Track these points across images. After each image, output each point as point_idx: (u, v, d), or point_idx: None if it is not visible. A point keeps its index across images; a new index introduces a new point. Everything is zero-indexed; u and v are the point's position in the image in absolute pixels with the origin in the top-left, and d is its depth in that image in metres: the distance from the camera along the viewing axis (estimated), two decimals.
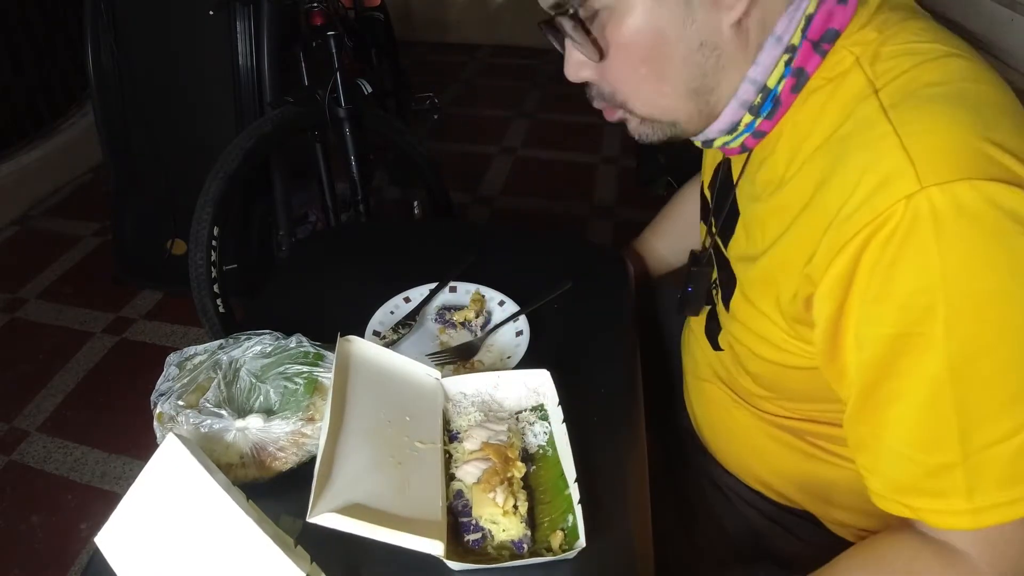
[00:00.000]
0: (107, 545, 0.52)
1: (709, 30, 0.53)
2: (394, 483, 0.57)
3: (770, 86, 0.55)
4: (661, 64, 0.55)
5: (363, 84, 1.57)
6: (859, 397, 0.51)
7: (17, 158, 2.45)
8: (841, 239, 0.48)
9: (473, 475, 0.59)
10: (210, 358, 0.68)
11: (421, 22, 3.90)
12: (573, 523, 0.58)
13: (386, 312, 0.83)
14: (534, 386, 0.69)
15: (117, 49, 1.81)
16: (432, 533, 0.53)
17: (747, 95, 0.56)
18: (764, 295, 0.59)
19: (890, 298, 0.46)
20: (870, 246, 0.46)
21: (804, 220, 0.53)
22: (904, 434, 0.48)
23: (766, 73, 0.55)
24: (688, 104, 0.58)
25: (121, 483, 1.50)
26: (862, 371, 0.49)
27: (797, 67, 0.54)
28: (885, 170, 0.46)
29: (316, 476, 0.53)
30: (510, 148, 2.84)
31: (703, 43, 0.54)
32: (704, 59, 0.55)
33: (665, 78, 0.56)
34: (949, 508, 0.47)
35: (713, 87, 0.57)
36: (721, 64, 0.55)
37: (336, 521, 0.50)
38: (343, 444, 0.58)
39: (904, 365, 0.47)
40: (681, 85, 0.57)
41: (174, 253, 1.95)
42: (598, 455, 0.63)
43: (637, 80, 0.57)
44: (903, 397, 0.48)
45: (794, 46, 0.54)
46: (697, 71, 0.55)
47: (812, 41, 0.53)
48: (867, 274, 0.47)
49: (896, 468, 0.50)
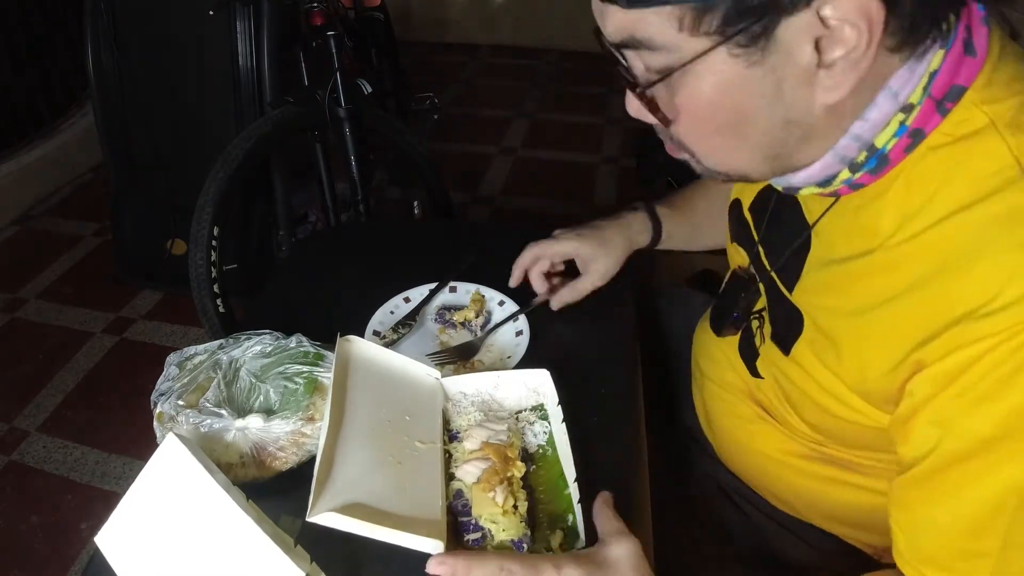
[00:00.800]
0: (107, 545, 0.53)
1: (798, 109, 0.47)
2: (394, 483, 0.57)
3: (878, 145, 0.49)
4: (736, 136, 0.50)
5: (363, 84, 1.57)
6: (926, 470, 0.48)
7: (17, 158, 2.46)
8: (971, 336, 0.44)
9: (473, 475, 0.59)
10: (210, 358, 0.68)
11: (421, 22, 3.90)
12: (573, 522, 0.58)
13: (386, 312, 0.83)
14: (534, 386, 0.69)
15: (117, 49, 1.81)
16: (432, 532, 0.53)
17: (848, 151, 0.50)
18: (849, 358, 0.54)
19: (1002, 402, 0.43)
20: (999, 349, 0.43)
21: (924, 298, 0.47)
22: (956, 518, 0.47)
23: (875, 131, 0.48)
24: (762, 166, 0.53)
25: (121, 483, 1.50)
26: (942, 454, 0.47)
27: (914, 128, 0.48)
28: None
29: (316, 475, 0.53)
30: (510, 148, 2.84)
31: (789, 121, 0.48)
32: (787, 135, 0.49)
33: (740, 147, 0.51)
34: None
35: (793, 154, 0.51)
36: (807, 137, 0.49)
37: (336, 520, 0.50)
38: (343, 444, 0.58)
39: (988, 463, 0.45)
40: (757, 153, 0.51)
41: (174, 253, 1.95)
42: (598, 455, 0.63)
43: (707, 143, 0.53)
44: (972, 488, 0.46)
45: (912, 105, 0.47)
46: (777, 143, 0.50)
47: (935, 99, 0.47)
48: (984, 373, 0.44)
49: (933, 541, 0.48)
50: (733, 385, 0.75)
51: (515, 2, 3.76)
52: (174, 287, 1.99)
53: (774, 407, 0.69)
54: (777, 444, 0.70)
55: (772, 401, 0.69)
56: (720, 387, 0.78)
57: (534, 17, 3.74)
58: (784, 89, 0.46)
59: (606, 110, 3.08)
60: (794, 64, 0.44)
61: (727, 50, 0.44)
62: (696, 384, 0.85)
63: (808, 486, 0.69)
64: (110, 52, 1.81)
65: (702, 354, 0.83)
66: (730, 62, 0.45)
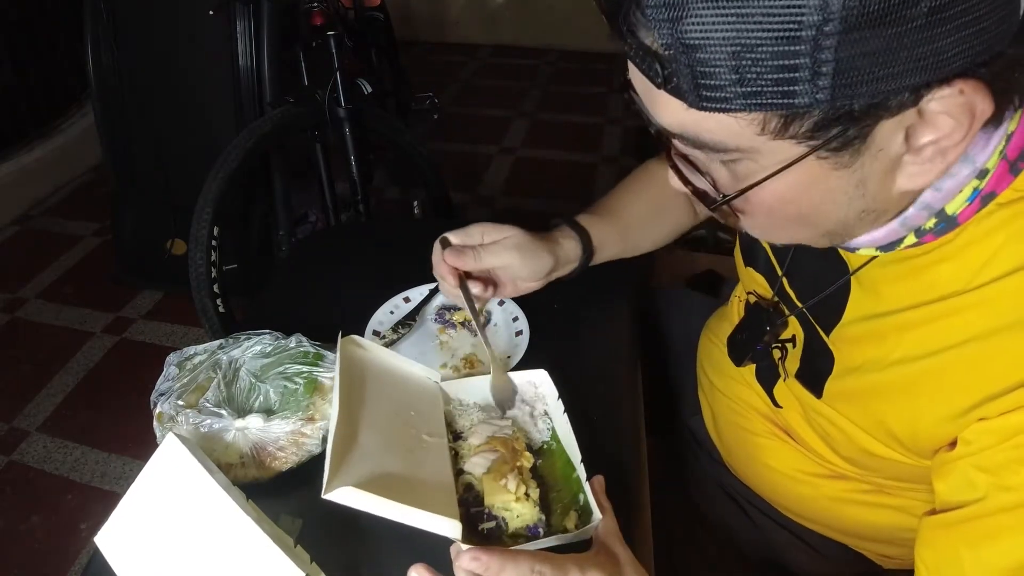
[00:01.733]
0: (107, 545, 0.52)
1: (877, 199, 0.44)
2: (406, 467, 0.56)
3: (948, 212, 0.46)
4: (806, 226, 0.47)
5: (363, 84, 1.57)
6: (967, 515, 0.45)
7: (17, 158, 2.46)
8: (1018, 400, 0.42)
9: (482, 466, 0.59)
10: (210, 358, 0.68)
11: (421, 22, 3.90)
12: (585, 501, 0.57)
13: (386, 312, 0.83)
14: (533, 385, 0.69)
15: (117, 49, 1.81)
16: (448, 511, 0.52)
17: (917, 220, 0.47)
18: (897, 405, 0.52)
19: None
20: None
21: (990, 352, 0.45)
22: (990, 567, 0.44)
23: (947, 200, 0.45)
24: (822, 240, 0.50)
25: (121, 483, 1.50)
26: (988, 502, 0.44)
27: (987, 192, 0.45)
28: None
29: (329, 454, 0.51)
30: (510, 148, 2.84)
31: (864, 210, 0.45)
32: (858, 221, 0.46)
33: (805, 232, 0.48)
34: None
35: (855, 232, 0.49)
36: (874, 218, 0.46)
37: (353, 497, 0.48)
38: (354, 428, 0.57)
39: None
40: (818, 233, 0.48)
41: (174, 253, 1.95)
42: (598, 455, 0.63)
43: (771, 230, 0.50)
44: (1012, 539, 0.43)
45: (987, 170, 0.44)
46: (842, 225, 0.47)
47: (1009, 161, 0.44)
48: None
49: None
50: (747, 402, 0.73)
51: (515, 2, 3.76)
52: (174, 287, 1.99)
53: (798, 434, 0.67)
54: (792, 463, 0.69)
55: (796, 429, 0.67)
56: (731, 400, 0.76)
57: (534, 17, 3.74)
58: (868, 185, 0.42)
59: (606, 110, 3.08)
60: (884, 158, 0.40)
61: (815, 155, 0.39)
62: (703, 390, 0.84)
63: (823, 503, 0.68)
64: (110, 52, 1.81)
65: (710, 365, 0.81)
66: (815, 164, 0.40)
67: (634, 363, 0.79)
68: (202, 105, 1.81)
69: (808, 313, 0.61)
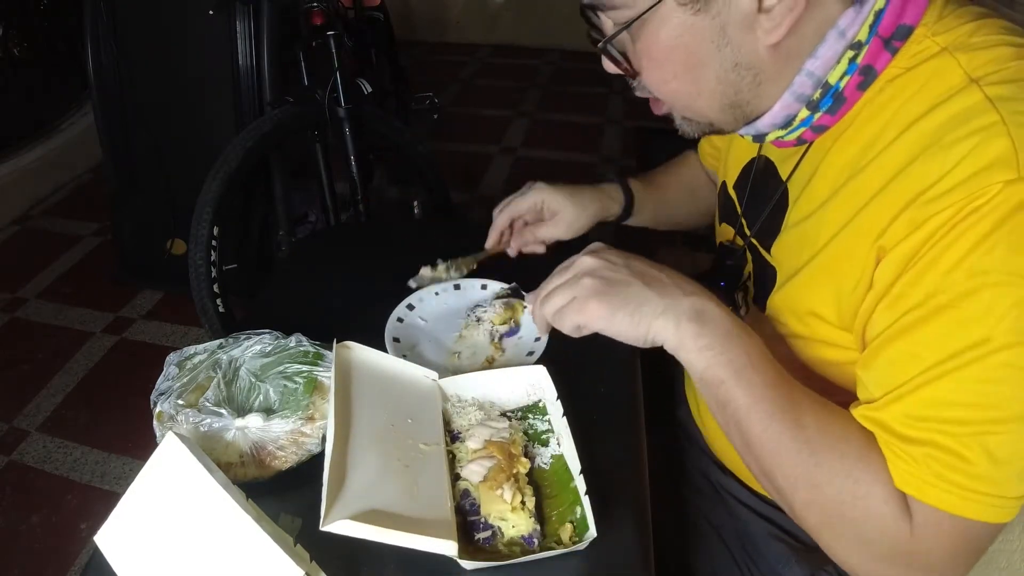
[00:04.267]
0: (106, 544, 0.53)
1: (744, 52, 0.52)
2: (402, 486, 0.57)
3: (831, 82, 0.53)
4: (693, 81, 0.54)
5: (363, 84, 1.57)
6: (888, 335, 0.50)
7: (17, 158, 2.46)
8: (926, 214, 0.47)
9: (479, 474, 0.59)
10: (210, 357, 0.68)
11: (421, 22, 3.90)
12: (581, 515, 0.58)
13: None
14: (532, 382, 0.69)
15: (117, 49, 1.81)
16: (444, 533, 0.53)
17: (804, 88, 0.54)
18: (822, 287, 0.57)
19: (955, 269, 0.45)
20: (953, 221, 0.45)
21: (879, 202, 0.51)
22: (913, 356, 0.48)
23: (826, 67, 0.52)
24: (723, 115, 0.57)
25: (121, 483, 1.50)
26: (902, 321, 0.49)
27: (865, 65, 0.52)
28: (990, 157, 0.45)
29: (326, 484, 0.52)
30: (510, 148, 2.84)
31: (738, 64, 0.52)
32: (739, 78, 0.53)
33: (699, 92, 0.55)
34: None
35: (750, 100, 0.55)
36: (758, 81, 0.54)
37: (350, 528, 0.50)
38: (350, 450, 0.57)
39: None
40: (716, 100, 0.55)
41: (174, 253, 1.95)
42: (598, 455, 0.63)
43: (669, 91, 0.57)
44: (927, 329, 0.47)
45: (860, 42, 0.51)
46: (731, 88, 0.54)
47: (883, 38, 0.51)
48: (932, 244, 0.46)
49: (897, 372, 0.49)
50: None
51: (515, 2, 3.76)
52: (174, 287, 1.99)
53: None
54: None
55: None
56: None
57: (534, 17, 3.74)
58: (729, 34, 0.51)
59: (606, 110, 3.09)
60: (735, 10, 0.50)
61: (675, 1, 0.50)
62: (687, 376, 0.86)
63: None
64: (110, 52, 1.82)
65: None
66: (678, 11, 0.50)
67: (634, 363, 0.79)
68: (202, 105, 1.82)
69: (757, 240, 0.68)
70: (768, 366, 0.54)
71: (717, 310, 0.56)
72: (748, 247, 0.71)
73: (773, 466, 0.53)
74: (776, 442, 0.52)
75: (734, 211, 0.74)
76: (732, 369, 0.53)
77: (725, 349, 0.54)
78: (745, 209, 0.72)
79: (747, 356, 0.54)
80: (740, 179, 0.73)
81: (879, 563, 0.51)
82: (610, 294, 0.57)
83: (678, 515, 0.81)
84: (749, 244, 0.70)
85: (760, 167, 0.69)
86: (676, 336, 0.55)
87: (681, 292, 0.57)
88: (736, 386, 0.53)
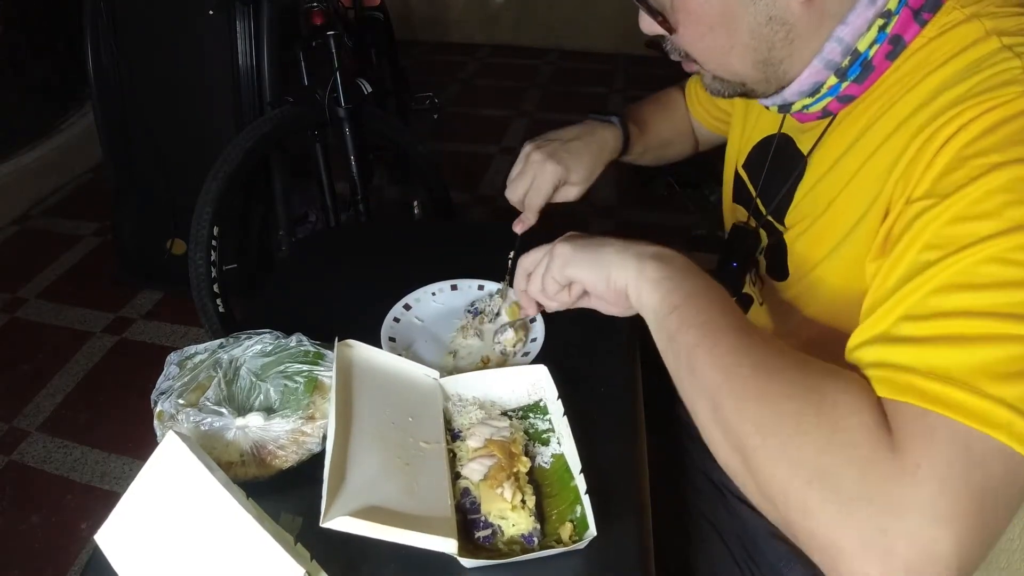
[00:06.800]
0: (107, 543, 0.53)
1: (778, 6, 0.52)
2: (403, 483, 0.57)
3: (860, 49, 0.53)
4: (728, 35, 0.55)
5: (363, 84, 1.57)
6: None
7: (17, 158, 2.46)
8: (936, 126, 0.46)
9: (479, 472, 0.59)
10: (210, 357, 0.68)
11: (421, 22, 3.90)
12: (581, 514, 0.58)
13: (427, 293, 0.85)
14: (532, 382, 0.70)
15: (117, 49, 1.81)
16: (444, 531, 0.53)
17: (833, 55, 0.54)
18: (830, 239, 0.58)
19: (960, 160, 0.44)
20: (964, 122, 0.45)
21: (894, 139, 0.51)
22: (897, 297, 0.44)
23: (856, 34, 0.53)
24: (756, 73, 0.57)
25: (121, 483, 1.50)
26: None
27: (894, 34, 0.52)
28: (1005, 78, 0.45)
29: (326, 481, 0.52)
30: (510, 148, 2.84)
31: (771, 18, 0.53)
32: (772, 33, 0.53)
33: (732, 48, 0.56)
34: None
35: (783, 59, 0.56)
36: (790, 38, 0.54)
37: (350, 525, 0.50)
38: (350, 447, 0.58)
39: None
40: (748, 56, 0.56)
41: (174, 253, 1.95)
42: (598, 454, 0.63)
43: (704, 47, 0.57)
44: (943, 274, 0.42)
45: (890, 11, 0.52)
46: (764, 44, 0.54)
47: (913, 9, 0.52)
48: (948, 141, 0.45)
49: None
50: None
51: (515, 2, 3.76)
52: (174, 287, 1.99)
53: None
54: None
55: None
56: None
57: (534, 17, 3.74)
58: None
59: (606, 110, 3.08)
60: None
61: None
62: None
63: None
64: (110, 52, 1.82)
65: None
66: None
67: (634, 362, 0.79)
68: (202, 105, 1.82)
69: (772, 218, 0.69)
70: (728, 305, 0.51)
71: (682, 256, 0.56)
72: (763, 226, 0.71)
73: (719, 386, 0.45)
74: (727, 357, 0.45)
75: (747, 192, 0.74)
76: (687, 296, 0.51)
77: (683, 281, 0.53)
78: (762, 189, 0.72)
79: (706, 289, 0.52)
80: (753, 158, 0.74)
81: (852, 504, 0.37)
82: (578, 244, 0.60)
83: (678, 515, 0.81)
84: (765, 223, 0.71)
85: (780, 145, 0.69)
86: (639, 273, 0.55)
87: (645, 243, 0.58)
88: (688, 310, 0.50)
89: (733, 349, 0.46)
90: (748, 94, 0.61)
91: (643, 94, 1.04)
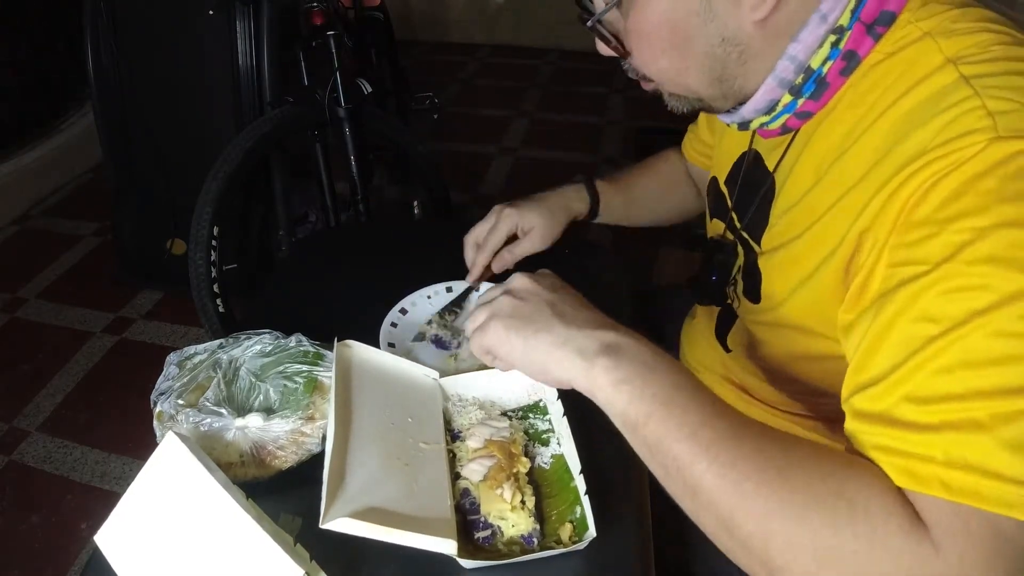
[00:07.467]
0: (106, 543, 0.53)
1: (731, 28, 0.52)
2: (402, 484, 0.57)
3: (813, 67, 0.53)
4: (681, 57, 0.55)
5: (363, 84, 1.57)
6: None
7: (17, 158, 2.46)
8: (901, 179, 0.46)
9: (479, 473, 0.59)
10: (210, 357, 0.68)
11: (421, 22, 3.90)
12: (581, 514, 0.58)
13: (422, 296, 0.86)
14: (532, 382, 0.69)
15: (117, 49, 1.81)
16: (444, 532, 0.53)
17: (786, 73, 0.54)
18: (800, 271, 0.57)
19: (944, 223, 0.43)
20: (934, 178, 0.44)
21: (863, 185, 0.50)
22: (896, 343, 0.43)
23: (808, 52, 0.52)
24: (712, 90, 0.57)
25: (121, 483, 1.50)
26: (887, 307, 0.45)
27: (847, 50, 0.52)
28: (966, 125, 0.44)
29: (326, 482, 0.52)
30: (510, 148, 2.84)
31: (724, 39, 0.53)
32: (726, 54, 0.54)
33: (687, 68, 0.56)
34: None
35: (737, 76, 0.56)
36: (744, 59, 0.54)
37: (350, 526, 0.50)
38: (350, 448, 0.58)
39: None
40: (704, 75, 0.56)
41: (174, 253, 1.95)
42: (598, 454, 0.63)
43: (659, 68, 0.57)
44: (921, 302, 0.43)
45: (842, 27, 0.51)
46: (718, 64, 0.55)
47: (865, 24, 0.51)
48: (919, 200, 0.44)
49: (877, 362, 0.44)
50: (711, 366, 0.79)
51: (515, 2, 3.76)
52: (174, 287, 1.99)
53: (746, 381, 0.73)
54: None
55: (740, 374, 0.73)
56: (700, 367, 0.82)
57: (534, 17, 3.74)
58: (715, 8, 0.51)
59: (606, 110, 3.08)
60: None
61: None
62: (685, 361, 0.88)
63: None
64: (110, 52, 1.81)
65: (687, 344, 0.87)
66: None
67: None
68: (202, 105, 1.81)
69: (746, 233, 0.69)
70: (705, 396, 0.47)
71: (634, 343, 0.50)
72: (739, 241, 0.71)
73: (733, 507, 0.42)
74: (732, 471, 0.42)
75: (725, 206, 0.75)
76: (658, 402, 0.46)
77: (647, 383, 0.47)
78: (735, 203, 0.72)
79: (675, 388, 0.47)
80: (731, 174, 0.74)
81: None
82: (515, 316, 0.54)
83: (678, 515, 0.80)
84: (740, 238, 0.71)
85: (750, 160, 0.69)
86: (587, 374, 0.49)
87: (590, 326, 0.52)
88: (667, 418, 0.45)
89: (733, 460, 0.43)
90: (707, 109, 0.61)
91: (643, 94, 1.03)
